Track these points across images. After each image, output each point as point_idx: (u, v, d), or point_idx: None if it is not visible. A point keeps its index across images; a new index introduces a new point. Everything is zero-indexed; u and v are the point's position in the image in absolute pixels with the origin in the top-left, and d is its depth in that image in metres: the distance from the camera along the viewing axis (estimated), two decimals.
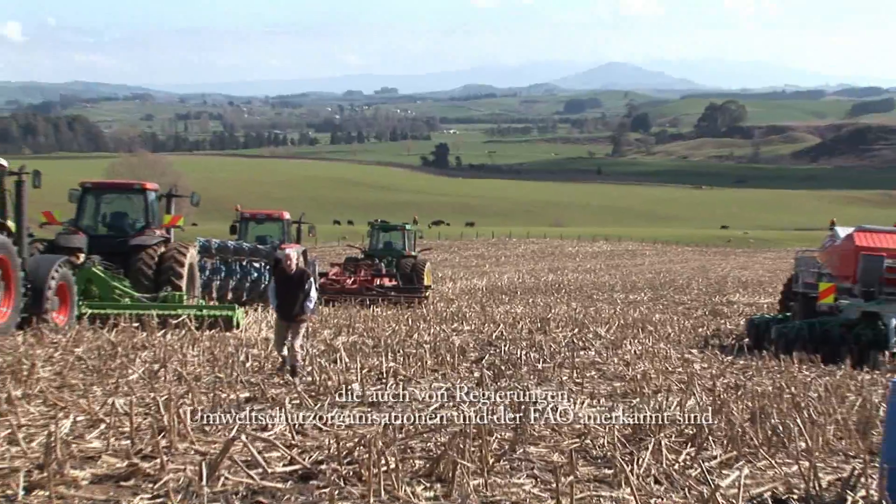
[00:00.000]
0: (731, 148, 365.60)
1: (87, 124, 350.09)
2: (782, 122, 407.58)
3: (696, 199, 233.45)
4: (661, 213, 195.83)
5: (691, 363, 22.11)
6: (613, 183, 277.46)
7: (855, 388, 18.26)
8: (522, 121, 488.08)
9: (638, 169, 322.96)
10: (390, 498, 9.10)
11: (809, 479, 10.28)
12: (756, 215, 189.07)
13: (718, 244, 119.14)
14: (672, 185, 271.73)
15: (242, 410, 13.47)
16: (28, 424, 11.83)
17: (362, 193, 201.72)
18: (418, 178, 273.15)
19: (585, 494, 9.55)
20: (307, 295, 17.55)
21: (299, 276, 17.71)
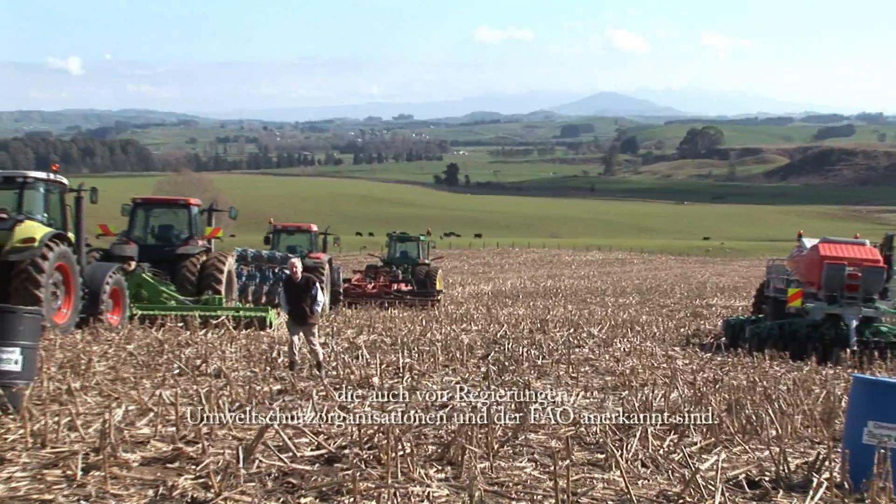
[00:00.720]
0: (710, 168, 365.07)
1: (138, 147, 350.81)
2: (755, 145, 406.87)
3: (679, 214, 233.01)
4: (647, 226, 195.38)
5: (674, 360, 22.10)
6: (605, 199, 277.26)
7: (820, 382, 18.25)
8: (524, 144, 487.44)
9: (627, 187, 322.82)
10: (406, 479, 9.10)
11: (779, 463, 10.29)
12: (732, 228, 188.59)
13: (698, 254, 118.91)
14: (657, 201, 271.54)
15: (275, 401, 13.52)
16: (85, 413, 11.86)
17: (381, 208, 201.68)
18: (431, 194, 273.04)
19: (580, 476, 9.56)
20: (314, 299, 17.46)
21: (305, 283, 17.65)
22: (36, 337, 12.37)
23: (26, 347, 11.95)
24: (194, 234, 30.15)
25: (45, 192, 23.22)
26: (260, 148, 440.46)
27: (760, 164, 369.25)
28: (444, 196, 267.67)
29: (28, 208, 22.61)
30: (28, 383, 12.02)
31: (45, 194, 23.21)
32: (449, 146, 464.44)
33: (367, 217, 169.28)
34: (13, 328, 11.90)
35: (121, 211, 30.79)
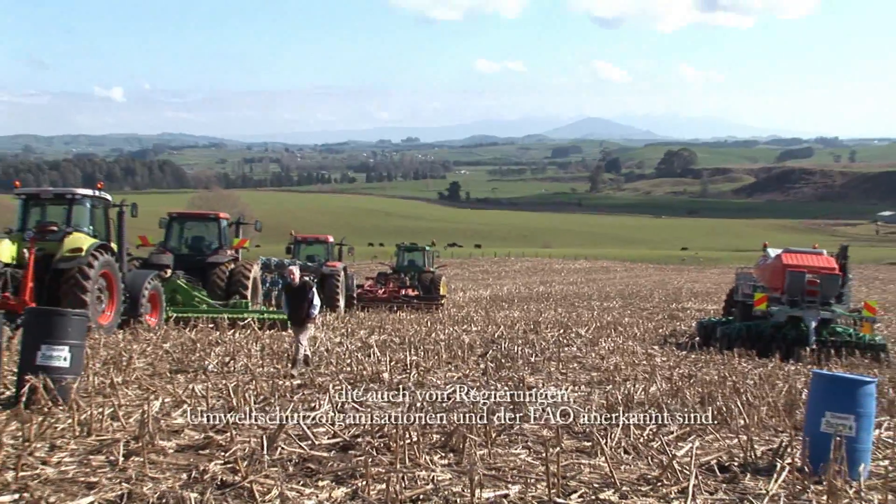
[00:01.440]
0: (685, 186, 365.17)
1: (173, 167, 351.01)
2: (725, 165, 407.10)
3: (657, 227, 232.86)
4: (629, 238, 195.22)
5: (653, 357, 22.06)
6: (591, 213, 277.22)
7: (783, 377, 18.22)
8: (518, 164, 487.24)
9: (610, 202, 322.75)
10: (413, 465, 9.11)
11: (747, 450, 10.29)
12: (704, 239, 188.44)
13: (675, 262, 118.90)
14: (637, 216, 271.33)
15: (295, 395, 13.52)
16: (126, 404, 11.87)
17: (391, 221, 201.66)
18: (436, 209, 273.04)
19: (569, 462, 9.56)
20: (311, 302, 17.24)
21: (302, 287, 17.47)
22: (82, 336, 12.40)
23: (74, 346, 11.99)
24: (223, 245, 30.26)
25: (91, 207, 23.35)
26: (282, 168, 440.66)
27: (730, 182, 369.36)
28: (447, 211, 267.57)
29: (76, 222, 22.76)
30: (75, 378, 12.05)
31: (91, 209, 23.35)
32: (451, 166, 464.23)
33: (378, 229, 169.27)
34: (62, 329, 11.95)
35: (158, 224, 30.87)
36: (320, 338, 22.71)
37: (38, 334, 11.93)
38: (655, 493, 8.51)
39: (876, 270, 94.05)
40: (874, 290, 59.07)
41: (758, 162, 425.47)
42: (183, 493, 7.68)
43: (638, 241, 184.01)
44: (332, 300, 34.39)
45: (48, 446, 9.36)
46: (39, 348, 11.81)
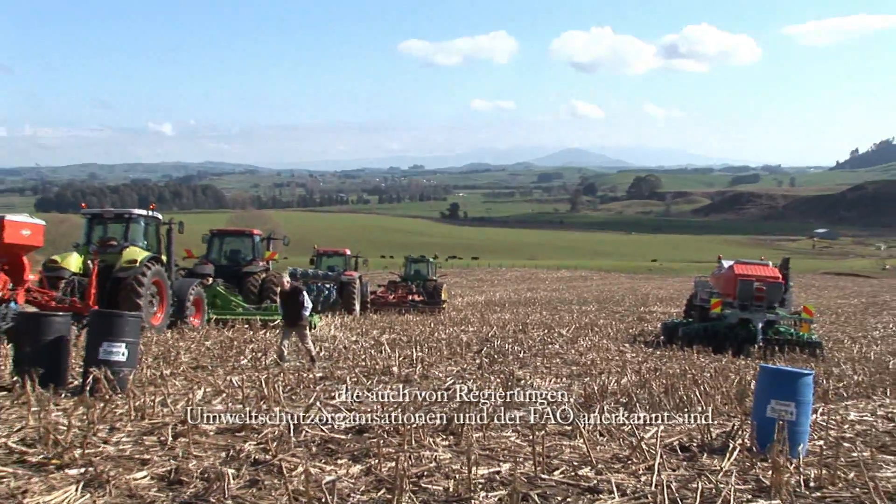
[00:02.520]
0: (651, 206, 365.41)
1: (214, 190, 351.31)
2: (685, 189, 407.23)
3: (627, 242, 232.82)
4: (604, 251, 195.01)
5: (624, 353, 22.04)
6: (571, 230, 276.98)
7: (735, 370, 18.19)
8: (509, 187, 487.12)
9: (588, 221, 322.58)
10: (418, 445, 9.10)
11: (704, 433, 10.27)
12: (668, 252, 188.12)
13: (643, 272, 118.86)
14: (611, 232, 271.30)
15: (318, 385, 13.51)
16: (174, 393, 11.86)
17: (399, 237, 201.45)
18: (438, 226, 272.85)
19: (552, 443, 9.54)
20: (302, 304, 16.92)
21: (293, 292, 17.17)
22: (137, 335, 12.43)
23: (130, 343, 12.01)
24: (256, 257, 30.32)
25: (145, 225, 23.47)
26: (307, 191, 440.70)
27: (689, 203, 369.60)
28: (448, 228, 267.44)
29: (132, 237, 22.91)
30: (131, 370, 12.07)
31: (145, 226, 23.46)
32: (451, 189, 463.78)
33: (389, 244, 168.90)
34: (120, 328, 11.97)
35: (201, 239, 30.95)
36: (339, 336, 22.70)
37: (100, 333, 11.95)
38: (626, 469, 8.50)
39: (812, 279, 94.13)
40: (811, 296, 59.08)
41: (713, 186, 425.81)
42: (222, 468, 7.68)
43: (611, 254, 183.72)
44: (349, 304, 34.44)
45: (109, 428, 9.36)
46: (101, 345, 11.83)
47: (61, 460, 7.93)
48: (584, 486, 7.80)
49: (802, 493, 8.12)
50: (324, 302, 34.65)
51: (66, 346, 12.12)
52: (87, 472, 7.58)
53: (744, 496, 7.83)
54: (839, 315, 44.57)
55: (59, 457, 7.99)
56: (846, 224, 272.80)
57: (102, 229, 23.34)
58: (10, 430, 9.01)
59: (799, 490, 8.17)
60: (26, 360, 11.63)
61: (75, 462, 7.89)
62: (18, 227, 18.36)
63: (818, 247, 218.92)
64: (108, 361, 11.67)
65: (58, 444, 8.25)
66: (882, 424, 12.62)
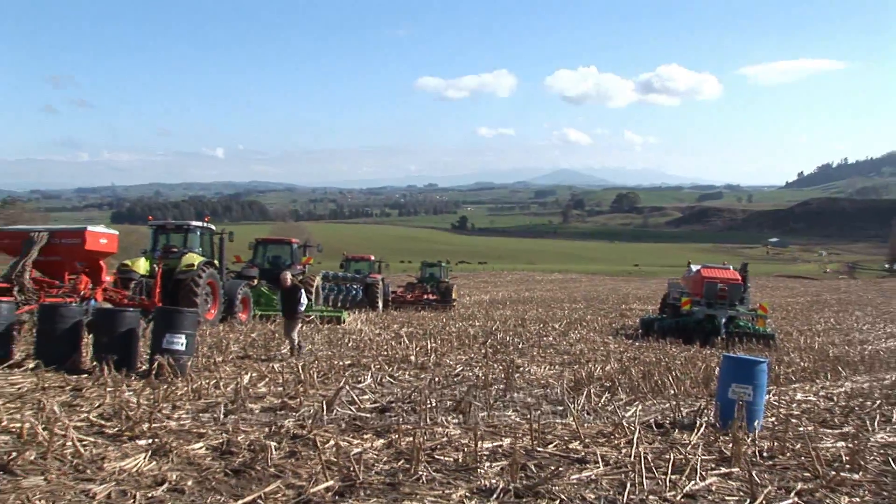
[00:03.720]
0: (631, 219, 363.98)
1: (258, 205, 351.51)
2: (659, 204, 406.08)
3: (611, 249, 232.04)
4: (591, 257, 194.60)
5: (608, 344, 22.01)
6: (563, 239, 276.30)
7: (701, 359, 18.16)
8: (510, 202, 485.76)
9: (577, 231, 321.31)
10: (433, 423, 9.10)
11: (676, 412, 10.26)
12: (646, 258, 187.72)
13: (624, 275, 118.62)
14: (597, 241, 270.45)
15: (346, 371, 13.52)
16: (225, 378, 11.89)
17: (416, 245, 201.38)
18: (449, 236, 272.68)
19: (546, 421, 9.54)
20: (299, 301, 16.21)
21: (292, 289, 16.48)
22: (194, 328, 12.46)
23: (188, 335, 12.04)
24: (294, 262, 30.30)
25: (201, 235, 23.51)
26: (337, 206, 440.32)
27: (663, 216, 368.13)
28: (458, 237, 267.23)
29: (190, 245, 22.97)
30: (189, 358, 12.10)
31: (201, 236, 23.51)
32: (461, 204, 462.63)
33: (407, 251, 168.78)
34: (181, 322, 12.00)
35: (248, 246, 30.97)
36: (364, 330, 22.69)
37: (164, 326, 11.99)
38: (610, 444, 8.48)
39: (767, 281, 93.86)
40: (766, 295, 58.86)
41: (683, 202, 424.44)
42: (266, 441, 7.69)
43: (597, 260, 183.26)
44: (374, 302, 34.47)
45: (171, 406, 9.38)
46: (164, 336, 11.87)
47: (132, 432, 7.96)
48: (574, 457, 7.79)
49: (758, 461, 8.15)
50: (352, 300, 34.66)
51: (136, 337, 12.17)
52: (154, 443, 7.60)
53: (709, 465, 7.83)
54: (789, 311, 44.65)
55: (131, 429, 8.02)
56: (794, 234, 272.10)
57: (165, 238, 23.43)
58: (91, 407, 9.06)
59: (755, 459, 8.19)
60: (103, 348, 11.69)
61: (144, 434, 7.92)
62: (97, 237, 18.58)
63: (771, 254, 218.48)
64: (170, 350, 11.72)
65: (129, 419, 8.28)
66: (823, 403, 12.72)
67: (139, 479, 6.57)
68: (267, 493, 6.36)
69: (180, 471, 6.79)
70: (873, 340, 29.57)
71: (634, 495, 6.78)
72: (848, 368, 18.39)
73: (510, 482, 6.83)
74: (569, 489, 6.87)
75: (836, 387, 15.12)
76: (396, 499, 6.46)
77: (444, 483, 6.87)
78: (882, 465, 8.36)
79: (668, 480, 7.18)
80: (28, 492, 6.10)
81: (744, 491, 7.04)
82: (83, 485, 6.38)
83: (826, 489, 7.28)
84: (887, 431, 10.43)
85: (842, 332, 32.82)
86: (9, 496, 6.02)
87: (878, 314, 45.31)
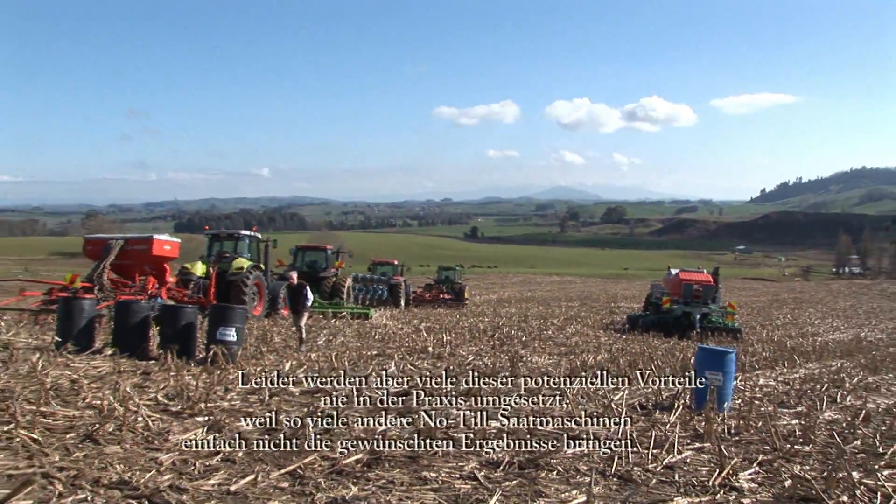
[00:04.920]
0: (619, 229, 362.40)
1: (298, 217, 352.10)
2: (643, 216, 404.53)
3: (602, 256, 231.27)
4: (585, 262, 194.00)
5: (599, 337, 21.98)
6: (561, 247, 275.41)
7: (679, 350, 18.12)
8: (515, 215, 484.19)
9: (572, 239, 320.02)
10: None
11: (657, 395, 10.25)
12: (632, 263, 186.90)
13: (614, 277, 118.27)
14: (590, 248, 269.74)
15: (373, 360, 13.54)
16: (269, 365, 11.94)
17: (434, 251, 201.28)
18: (462, 244, 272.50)
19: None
20: (305, 297, 15.78)
21: (299, 287, 16.07)
22: (244, 322, 12.50)
23: (238, 328, 12.09)
24: (329, 266, 30.38)
25: (249, 242, 23.63)
26: (366, 217, 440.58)
27: (646, 227, 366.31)
28: (470, 245, 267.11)
29: (240, 251, 23.07)
30: (239, 348, 12.14)
31: (249, 243, 23.62)
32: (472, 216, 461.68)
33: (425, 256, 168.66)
34: (232, 317, 12.05)
35: (289, 252, 31.09)
36: (389, 324, 22.72)
37: (217, 320, 12.04)
38: (600, 423, 8.48)
39: (734, 283, 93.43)
40: (734, 295, 58.53)
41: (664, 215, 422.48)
42: (304, 420, 7.72)
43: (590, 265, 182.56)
44: (397, 300, 34.51)
45: (223, 389, 9.42)
46: (218, 329, 11.91)
47: (192, 410, 8.00)
48: (570, 434, 7.79)
49: (726, 437, 8.18)
50: (378, 299, 34.73)
51: (194, 330, 12.22)
52: (209, 420, 7.65)
53: (685, 441, 7.83)
54: (753, 309, 44.55)
55: (190, 408, 8.07)
56: (758, 243, 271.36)
57: (219, 245, 23.55)
58: (158, 388, 9.11)
59: (724, 436, 8.20)
60: (167, 339, 11.75)
61: (201, 412, 7.96)
62: (162, 244, 18.75)
63: (738, 259, 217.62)
64: (223, 341, 11.75)
65: (189, 399, 8.34)
66: (781, 387, 12.75)
67: (198, 449, 6.62)
68: (305, 463, 6.39)
69: (232, 443, 6.83)
70: (823, 333, 29.66)
71: (621, 467, 6.78)
72: (802, 357, 18.39)
73: (514, 456, 6.84)
74: (565, 462, 6.87)
75: (792, 373, 15.11)
76: (416, 470, 6.48)
77: (457, 456, 6.88)
78: (828, 439, 8.53)
79: (650, 454, 7.18)
80: (108, 458, 6.22)
81: (714, 462, 7.04)
82: (152, 453, 6.46)
83: (783, 459, 7.37)
84: (833, 410, 10.71)
85: (797, 326, 32.79)
86: (94, 460, 6.14)
87: (826, 311, 45.39)
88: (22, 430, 6.58)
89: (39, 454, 6.15)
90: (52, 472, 5.66)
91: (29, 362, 9.81)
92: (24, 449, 6.23)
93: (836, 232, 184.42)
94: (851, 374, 15.36)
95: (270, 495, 5.70)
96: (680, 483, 6.53)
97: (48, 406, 7.58)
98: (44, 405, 7.52)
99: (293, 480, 6.07)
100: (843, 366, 17.44)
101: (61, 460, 6.07)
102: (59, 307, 12.79)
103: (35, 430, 6.69)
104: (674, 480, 6.59)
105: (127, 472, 5.86)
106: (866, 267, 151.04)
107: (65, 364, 10.19)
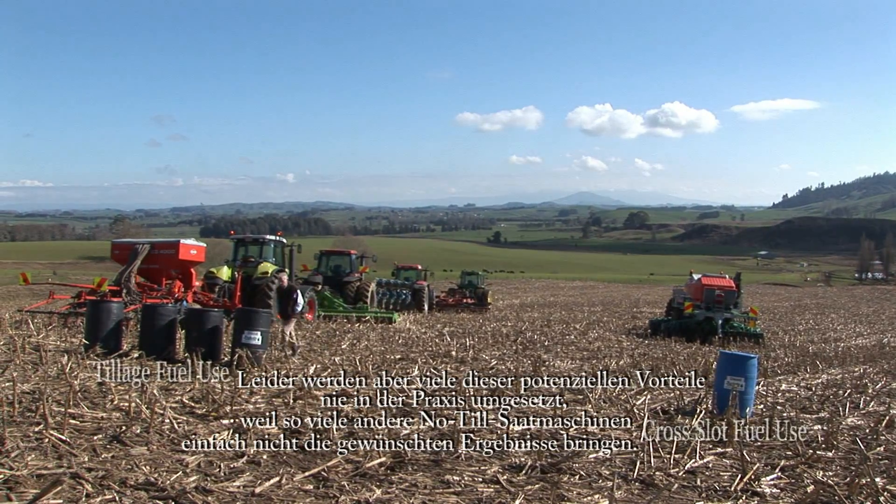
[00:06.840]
0: (641, 235, 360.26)
1: (323, 222, 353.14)
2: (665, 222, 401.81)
3: (624, 261, 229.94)
4: (607, 267, 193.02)
5: (622, 342, 21.84)
6: (583, 252, 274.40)
7: (701, 355, 17.97)
8: (538, 220, 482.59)
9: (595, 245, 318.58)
10: (471, 408, 9.08)
11: (679, 400, 10.16)
12: (654, 268, 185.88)
13: (636, 282, 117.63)
14: (612, 253, 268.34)
15: (396, 364, 13.51)
16: (294, 368, 11.97)
17: (457, 256, 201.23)
18: (486, 248, 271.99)
19: (569, 408, 9.50)
20: (295, 301, 14.51)
21: (288, 290, 14.89)
22: (268, 326, 12.54)
23: (263, 331, 12.13)
24: (353, 270, 30.44)
25: (274, 247, 23.68)
26: (389, 223, 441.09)
27: (669, 232, 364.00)
28: (493, 250, 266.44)
29: (265, 255, 23.13)
30: (264, 351, 12.19)
31: (274, 248, 23.68)
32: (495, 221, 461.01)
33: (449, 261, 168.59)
34: (257, 320, 12.10)
35: (314, 257, 31.20)
36: (412, 328, 22.73)
37: (243, 323, 12.09)
38: (623, 427, 8.42)
39: (756, 288, 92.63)
40: (756, 300, 58.02)
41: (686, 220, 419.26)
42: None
43: (612, 270, 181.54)
44: (420, 305, 34.46)
45: (248, 392, 9.46)
46: (243, 332, 11.96)
47: (217, 413, 8.05)
48: (592, 438, 7.74)
49: (749, 442, 8.10)
50: (402, 303, 34.78)
51: (220, 333, 12.28)
52: (235, 422, 7.68)
53: (707, 446, 7.75)
54: (775, 314, 44.12)
55: (216, 411, 8.11)
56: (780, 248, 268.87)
57: (244, 249, 23.65)
58: (184, 391, 9.17)
59: (746, 441, 8.12)
60: (193, 342, 11.81)
61: (227, 415, 8.00)
62: (189, 248, 18.86)
63: (760, 265, 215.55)
64: (248, 344, 11.80)
65: (214, 402, 8.38)
66: (803, 392, 12.62)
67: (223, 452, 6.65)
68: (329, 466, 6.40)
69: (257, 446, 6.85)
70: (845, 339, 29.30)
71: (643, 471, 6.72)
72: (824, 363, 18.17)
73: (537, 460, 6.80)
74: (587, 466, 6.83)
75: (815, 378, 14.93)
76: (439, 473, 6.46)
77: (480, 460, 6.86)
78: (851, 444, 8.44)
79: (672, 459, 7.12)
80: (135, 459, 6.27)
81: (736, 467, 6.97)
82: (178, 455, 6.50)
83: (805, 465, 7.31)
84: (856, 416, 10.58)
85: (819, 331, 32.41)
86: (121, 461, 6.20)
87: (849, 316, 44.86)
88: (51, 431, 6.66)
89: (68, 455, 6.22)
90: (80, 473, 5.72)
91: (58, 364, 9.92)
92: (54, 449, 6.31)
93: (859, 237, 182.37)
94: (874, 380, 15.15)
95: (295, 498, 5.72)
96: (702, 488, 6.47)
97: (77, 408, 7.66)
98: (72, 407, 7.61)
99: (317, 483, 6.08)
100: (865, 371, 17.20)
101: (89, 461, 6.13)
102: (87, 310, 12.94)
103: (64, 431, 6.77)
104: (696, 485, 6.54)
105: (153, 474, 5.91)
106: (889, 272, 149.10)
107: (94, 367, 10.29)
